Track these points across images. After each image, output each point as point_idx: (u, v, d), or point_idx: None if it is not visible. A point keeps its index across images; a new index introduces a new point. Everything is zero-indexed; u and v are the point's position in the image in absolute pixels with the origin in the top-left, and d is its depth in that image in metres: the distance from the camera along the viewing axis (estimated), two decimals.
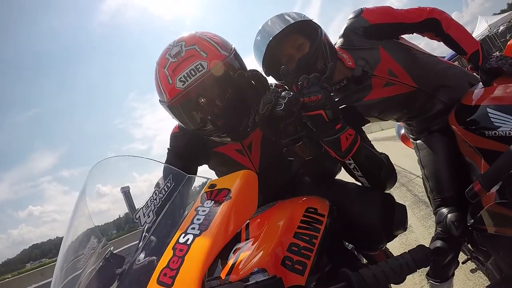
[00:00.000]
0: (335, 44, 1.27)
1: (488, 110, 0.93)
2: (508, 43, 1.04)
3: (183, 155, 1.14)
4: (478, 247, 1.21)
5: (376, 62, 1.21)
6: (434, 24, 1.20)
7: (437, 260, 1.14)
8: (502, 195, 0.85)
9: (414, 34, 1.29)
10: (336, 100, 1.29)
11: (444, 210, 1.15)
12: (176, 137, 1.18)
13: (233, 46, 1.02)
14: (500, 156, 0.71)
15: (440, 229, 1.15)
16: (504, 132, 0.88)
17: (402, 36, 1.32)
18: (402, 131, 1.73)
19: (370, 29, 1.23)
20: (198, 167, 1.24)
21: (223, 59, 0.92)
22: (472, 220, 1.05)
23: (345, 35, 1.27)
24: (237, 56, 1.00)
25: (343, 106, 1.24)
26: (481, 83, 1.10)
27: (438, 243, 1.12)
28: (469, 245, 1.32)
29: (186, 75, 0.87)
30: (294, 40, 1.16)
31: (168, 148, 1.18)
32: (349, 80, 1.24)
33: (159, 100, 0.98)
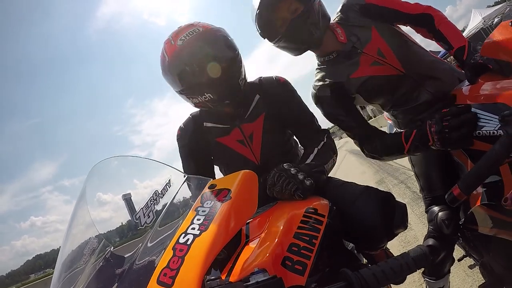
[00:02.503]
0: (333, 19, 1.30)
1: (472, 109, 0.90)
2: (484, 42, 0.99)
3: (191, 152, 1.22)
4: (471, 245, 1.21)
5: (367, 40, 1.22)
6: (427, 19, 1.21)
7: (431, 258, 1.14)
8: (487, 197, 0.83)
9: (408, 28, 1.30)
10: (323, 74, 1.30)
11: (435, 209, 1.17)
12: (179, 138, 1.24)
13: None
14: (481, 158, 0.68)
15: (431, 227, 1.16)
16: (488, 131, 0.84)
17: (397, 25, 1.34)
18: (394, 131, 1.71)
19: (365, 8, 1.25)
20: (213, 165, 1.30)
21: (215, 29, 1.10)
22: (463, 219, 1.04)
23: (342, 11, 1.30)
24: (228, 36, 1.13)
25: (331, 82, 1.25)
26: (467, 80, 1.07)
27: (430, 241, 1.13)
28: (464, 242, 1.33)
29: (185, 35, 1.05)
30: (289, 4, 1.18)
31: (179, 152, 1.25)
32: (339, 54, 1.26)
33: (162, 74, 1.11)
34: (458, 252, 2.02)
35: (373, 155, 1.24)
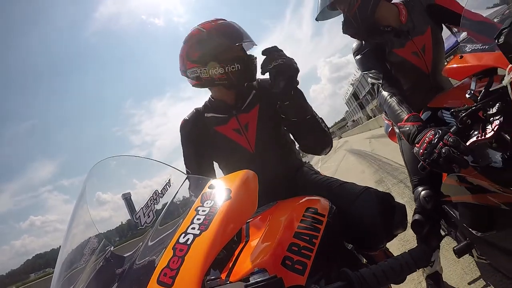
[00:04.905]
0: None
1: (443, 111, 1.17)
2: (444, 67, 1.09)
3: (192, 140, 1.28)
4: (448, 220, 1.40)
5: (420, 33, 1.38)
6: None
7: (418, 231, 1.37)
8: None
9: None
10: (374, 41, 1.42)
11: (419, 189, 1.37)
12: (182, 126, 1.30)
13: None
14: None
15: (416, 204, 1.37)
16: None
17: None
18: (390, 129, 1.91)
19: (432, 8, 1.36)
20: (213, 160, 1.33)
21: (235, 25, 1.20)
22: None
23: None
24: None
25: (376, 43, 1.39)
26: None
27: (416, 216, 1.35)
28: (446, 223, 1.52)
29: (204, 24, 1.19)
30: None
31: (181, 141, 1.31)
32: (392, 29, 1.39)
33: (180, 55, 1.23)
34: (449, 246, 2.03)
35: (381, 103, 1.33)
